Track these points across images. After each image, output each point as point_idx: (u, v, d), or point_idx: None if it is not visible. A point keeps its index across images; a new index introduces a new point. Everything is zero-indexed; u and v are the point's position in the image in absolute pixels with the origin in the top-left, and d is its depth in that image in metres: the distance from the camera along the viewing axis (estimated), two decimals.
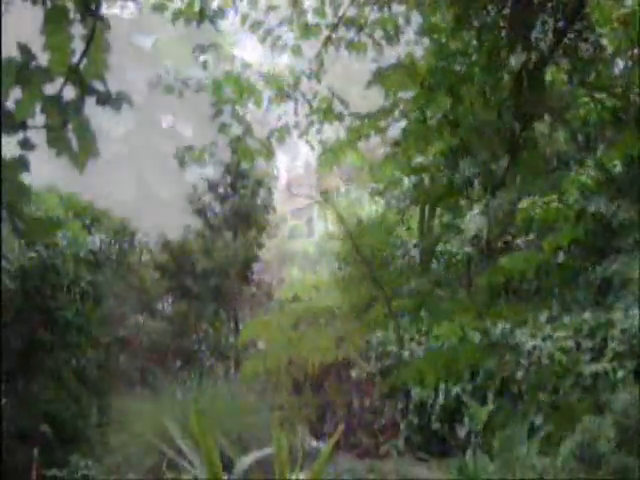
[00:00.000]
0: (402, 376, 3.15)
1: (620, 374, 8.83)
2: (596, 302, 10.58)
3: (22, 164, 2.29)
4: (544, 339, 10.16)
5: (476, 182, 3.08)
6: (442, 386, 12.07)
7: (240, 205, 17.97)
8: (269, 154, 4.12)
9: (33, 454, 10.94)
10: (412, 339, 13.13)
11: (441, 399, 12.02)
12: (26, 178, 2.41)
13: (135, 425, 11.45)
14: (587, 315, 9.71)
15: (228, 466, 4.07)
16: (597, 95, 3.49)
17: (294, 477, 3.85)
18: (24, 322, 13.47)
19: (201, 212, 18.45)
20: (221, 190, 18.34)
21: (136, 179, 34.45)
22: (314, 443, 11.81)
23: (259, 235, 17.82)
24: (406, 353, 12.95)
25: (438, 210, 4.19)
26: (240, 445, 6.20)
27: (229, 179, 18.25)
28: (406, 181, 8.17)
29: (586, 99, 4.29)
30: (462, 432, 11.50)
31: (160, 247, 17.84)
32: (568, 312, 10.35)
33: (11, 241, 12.20)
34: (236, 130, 4.62)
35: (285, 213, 18.91)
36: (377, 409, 13.85)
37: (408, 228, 13.34)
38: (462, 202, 3.12)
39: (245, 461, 3.70)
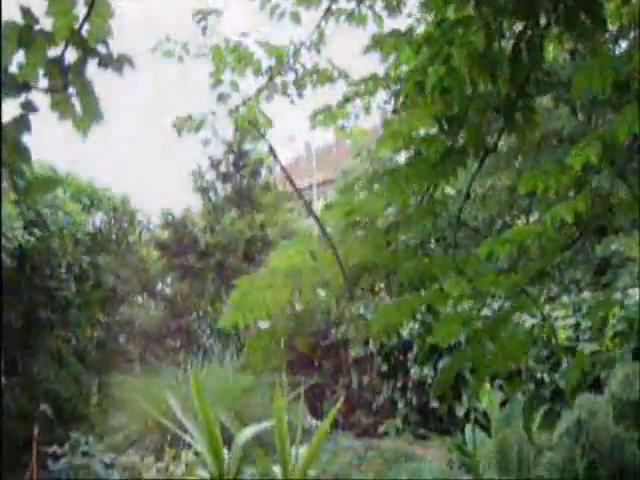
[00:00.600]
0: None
1: (619, 353, 8.86)
2: (595, 282, 10.59)
3: (23, 125, 2.29)
4: (543, 318, 10.14)
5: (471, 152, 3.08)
6: (442, 363, 12.08)
7: (242, 183, 18.00)
8: (268, 123, 4.09)
9: (33, 433, 10.97)
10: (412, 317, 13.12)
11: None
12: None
13: (135, 404, 11.48)
14: (586, 294, 9.72)
15: (228, 441, 4.07)
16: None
17: (294, 451, 3.85)
18: (24, 301, 13.48)
19: (204, 190, 18.48)
20: (223, 169, 18.36)
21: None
22: (313, 422, 11.82)
23: (262, 213, 17.83)
24: (405, 332, 12.94)
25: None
26: (239, 422, 6.21)
27: (231, 158, 18.27)
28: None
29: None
30: (461, 411, 11.52)
31: (161, 225, 17.85)
32: (567, 292, 10.35)
33: (11, 219, 12.18)
34: (235, 100, 4.60)
35: (288, 192, 18.87)
36: (376, 388, 13.86)
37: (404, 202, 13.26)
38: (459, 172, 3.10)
39: (245, 434, 3.70)
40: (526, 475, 4.53)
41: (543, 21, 2.95)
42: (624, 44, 7.39)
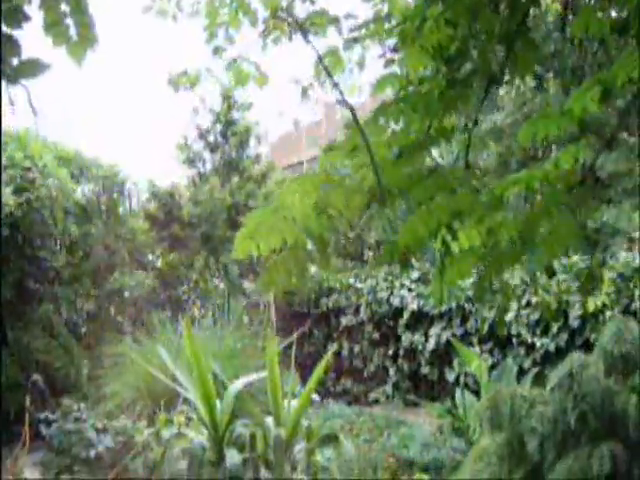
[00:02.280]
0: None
1: (609, 314, 8.92)
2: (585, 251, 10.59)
3: (16, 14, 2.23)
4: (534, 281, 10.19)
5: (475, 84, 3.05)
6: (432, 331, 12.13)
7: (230, 154, 17.94)
8: (263, 79, 4.06)
9: (25, 403, 10.97)
10: (402, 285, 13.18)
11: (432, 344, 12.08)
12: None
13: (127, 373, 11.50)
14: (577, 258, 9.75)
15: (221, 394, 4.07)
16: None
17: (286, 404, 3.87)
18: (14, 272, 13.44)
19: (191, 161, 18.40)
20: (211, 139, 18.27)
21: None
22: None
23: (249, 184, 17.76)
24: (396, 300, 12.98)
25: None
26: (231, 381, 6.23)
27: (219, 128, 18.18)
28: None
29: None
30: (451, 376, 11.58)
31: (149, 196, 17.78)
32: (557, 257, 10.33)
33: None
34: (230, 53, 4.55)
35: (275, 162, 18.81)
36: (367, 356, 13.91)
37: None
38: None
39: (237, 384, 3.71)
40: (517, 429, 4.55)
41: None
42: None
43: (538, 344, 9.94)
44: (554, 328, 9.76)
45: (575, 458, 4.25)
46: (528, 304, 10.22)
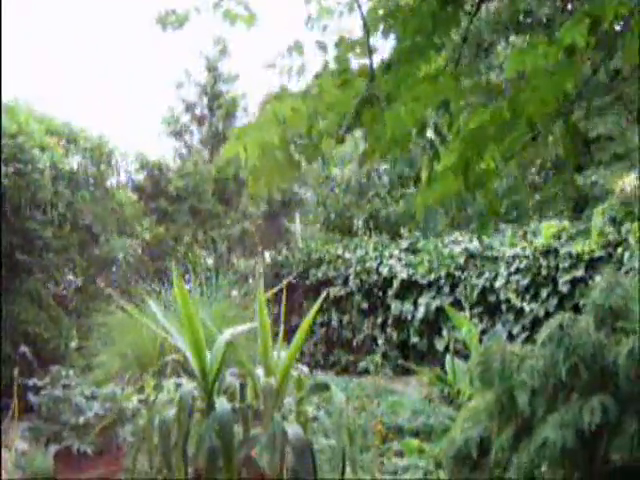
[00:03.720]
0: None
1: (598, 279, 8.92)
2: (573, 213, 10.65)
3: None
4: (523, 248, 10.22)
5: None
6: (422, 300, 12.13)
7: (217, 126, 17.89)
8: (251, 18, 3.99)
9: (13, 374, 10.93)
10: (391, 255, 13.18)
11: (421, 312, 12.09)
12: None
13: (115, 343, 11.47)
14: (566, 223, 9.77)
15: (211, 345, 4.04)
16: None
17: (276, 354, 3.84)
18: (2, 243, 13.37)
19: (178, 134, 18.34)
20: (198, 111, 18.20)
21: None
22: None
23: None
24: (385, 269, 12.98)
25: None
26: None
27: (206, 100, 18.12)
28: None
29: None
30: (440, 345, 11.60)
31: (137, 168, 17.71)
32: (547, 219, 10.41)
33: None
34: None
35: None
36: (355, 326, 13.92)
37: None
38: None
39: (227, 333, 3.68)
40: (507, 384, 4.54)
41: None
42: None
43: (527, 309, 9.96)
44: (543, 293, 9.78)
45: (566, 411, 4.24)
46: (518, 270, 10.23)
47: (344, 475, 3.64)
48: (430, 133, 3.45)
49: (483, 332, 10.17)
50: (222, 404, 3.33)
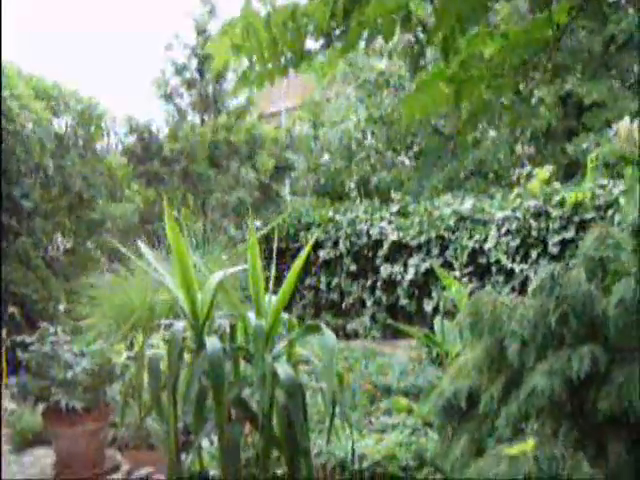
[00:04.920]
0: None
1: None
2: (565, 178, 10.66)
3: None
4: (514, 209, 10.22)
5: None
6: (411, 262, 12.14)
7: (207, 89, 17.79)
8: None
9: (1, 335, 10.94)
10: (382, 218, 13.17)
11: (410, 274, 12.10)
12: None
13: (104, 305, 11.44)
14: (557, 185, 9.77)
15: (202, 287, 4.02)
16: None
17: (267, 297, 3.83)
18: None
19: (168, 97, 18.22)
20: (187, 74, 18.08)
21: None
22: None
23: (228, 119, 17.63)
24: (375, 230, 12.96)
25: None
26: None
27: (195, 63, 17.99)
28: None
29: None
30: (429, 307, 11.62)
31: (127, 131, 17.63)
32: None
33: None
34: None
35: (254, 97, 18.65)
36: (344, 289, 13.93)
37: None
38: None
39: (217, 275, 3.66)
40: (498, 334, 4.54)
41: None
42: None
43: (517, 270, 9.98)
44: (533, 254, 9.80)
45: (555, 359, 4.25)
46: (508, 232, 10.24)
47: (334, 417, 3.65)
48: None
49: (472, 293, 10.15)
50: (213, 343, 3.32)
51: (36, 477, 8.16)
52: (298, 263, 4.00)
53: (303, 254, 4.17)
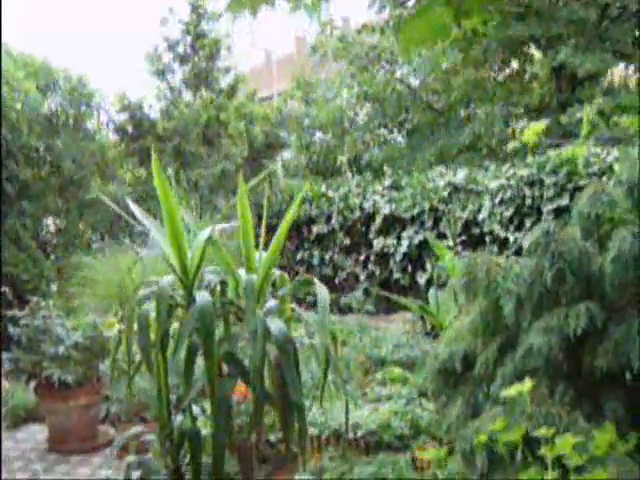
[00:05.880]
0: None
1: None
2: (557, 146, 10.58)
3: None
4: (507, 178, 10.16)
5: None
6: (405, 234, 12.08)
7: (200, 65, 17.66)
8: None
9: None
10: (374, 192, 13.13)
11: (404, 247, 12.04)
12: None
13: (96, 285, 11.41)
14: (551, 153, 9.70)
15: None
16: None
17: (257, 255, 3.76)
18: None
19: (160, 73, 18.06)
20: (180, 50, 17.92)
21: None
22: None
23: (220, 97, 17.53)
24: (368, 204, 12.91)
25: None
26: None
27: (189, 39, 17.83)
28: None
29: None
30: (422, 280, 11.57)
31: (118, 109, 17.49)
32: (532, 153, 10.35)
33: None
34: None
35: (245, 75, 18.53)
36: (337, 264, 13.87)
37: None
38: None
39: (207, 230, 3.58)
40: (493, 294, 4.48)
41: None
42: None
43: (511, 239, 9.94)
44: (528, 223, 9.75)
45: (551, 317, 4.20)
46: (502, 201, 10.19)
47: (327, 373, 3.59)
48: None
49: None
50: (203, 297, 3.25)
51: (29, 453, 8.13)
52: (288, 216, 3.93)
53: (294, 206, 4.09)
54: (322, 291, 3.53)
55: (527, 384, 2.38)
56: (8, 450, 8.19)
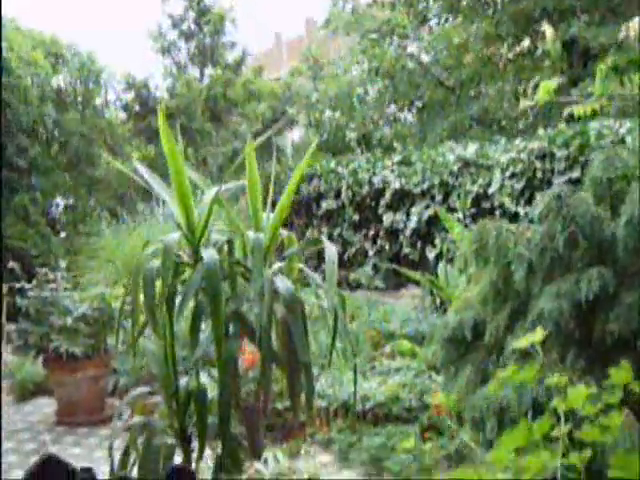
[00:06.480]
0: None
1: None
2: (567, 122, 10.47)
3: None
4: (518, 152, 10.07)
5: None
6: (415, 209, 12.01)
7: (205, 41, 17.59)
8: None
9: (1, 290, 10.86)
10: (384, 167, 13.05)
11: (413, 222, 11.97)
12: None
13: (105, 261, 11.41)
14: (562, 126, 9.62)
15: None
16: None
17: (265, 214, 3.70)
18: None
19: (165, 50, 18.00)
20: (185, 27, 17.84)
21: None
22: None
23: (226, 72, 17.47)
24: (377, 179, 12.84)
25: None
26: None
27: (192, 15, 17.75)
28: None
29: None
30: (432, 255, 11.50)
31: (126, 86, 17.46)
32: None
33: None
34: None
35: (252, 50, 18.48)
36: (347, 240, 13.78)
37: None
38: None
39: (214, 189, 3.53)
40: (504, 260, 4.42)
41: None
42: None
43: (522, 213, 9.87)
44: (538, 197, 9.67)
45: (563, 281, 4.13)
46: (513, 175, 10.12)
47: (336, 334, 3.54)
48: None
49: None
50: (210, 254, 3.20)
51: (37, 425, 8.14)
52: (296, 174, 3.86)
53: (302, 164, 4.03)
54: (330, 249, 3.48)
55: (539, 333, 2.32)
56: (16, 422, 8.21)
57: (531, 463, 1.92)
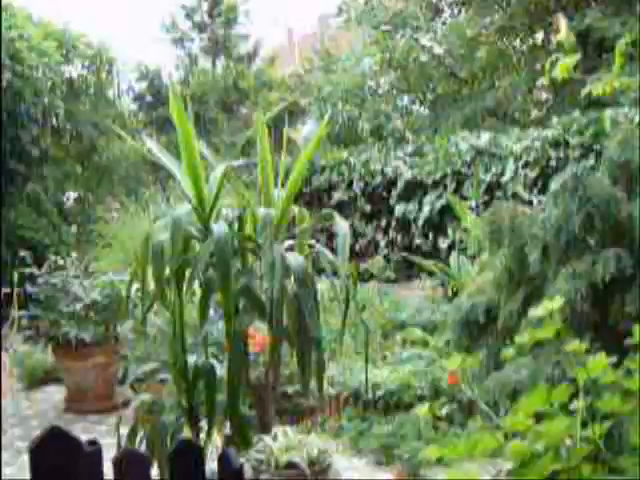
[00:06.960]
0: None
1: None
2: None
3: None
4: (533, 140, 10.01)
5: None
6: (427, 199, 11.93)
7: (218, 32, 17.56)
8: None
9: (13, 279, 10.83)
10: (397, 157, 12.99)
11: (425, 212, 11.89)
12: None
13: (116, 250, 11.39)
14: (576, 114, 9.54)
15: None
16: None
17: (277, 192, 3.64)
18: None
19: (178, 41, 17.97)
20: (198, 18, 17.81)
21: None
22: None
23: (238, 63, 17.43)
24: (390, 170, 12.77)
25: None
26: None
27: (205, 6, 17.72)
28: None
29: None
30: (444, 245, 11.43)
31: (138, 76, 17.42)
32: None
33: None
34: None
35: (263, 39, 18.44)
36: (358, 231, 13.71)
37: None
38: None
39: (224, 164, 3.47)
40: (518, 242, 4.35)
41: None
42: None
43: (535, 201, 9.80)
44: (552, 185, 9.60)
45: (579, 263, 4.06)
46: (526, 164, 10.05)
47: (347, 310, 3.49)
48: None
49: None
50: (219, 227, 3.15)
51: (47, 412, 8.11)
52: (310, 146, 3.80)
53: (312, 143, 3.97)
54: (342, 225, 3.42)
55: (557, 301, 2.25)
56: (25, 409, 8.19)
57: (549, 429, 1.86)
